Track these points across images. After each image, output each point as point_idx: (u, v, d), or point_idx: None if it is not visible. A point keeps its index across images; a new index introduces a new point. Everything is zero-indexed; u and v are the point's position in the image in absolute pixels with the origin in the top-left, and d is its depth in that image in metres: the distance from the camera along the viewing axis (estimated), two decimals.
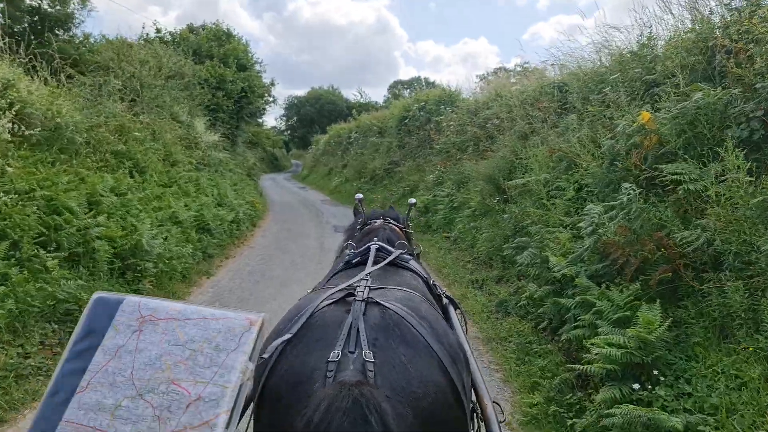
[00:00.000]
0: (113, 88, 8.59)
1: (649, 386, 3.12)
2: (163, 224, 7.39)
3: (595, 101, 6.69)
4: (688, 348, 3.25)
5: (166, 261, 6.62)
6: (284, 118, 61.12)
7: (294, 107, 59.23)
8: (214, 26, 16.83)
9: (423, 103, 16.77)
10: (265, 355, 1.41)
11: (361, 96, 53.42)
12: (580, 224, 4.44)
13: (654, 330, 3.14)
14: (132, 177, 7.59)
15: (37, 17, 18.52)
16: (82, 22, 16.42)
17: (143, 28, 16.50)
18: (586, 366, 3.32)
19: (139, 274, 6.02)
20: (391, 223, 3.04)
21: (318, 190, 27.60)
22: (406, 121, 17.94)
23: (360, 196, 3.38)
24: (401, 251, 2.31)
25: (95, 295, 1.11)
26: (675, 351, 3.26)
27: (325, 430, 1.14)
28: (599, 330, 3.50)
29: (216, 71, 14.91)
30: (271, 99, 21.36)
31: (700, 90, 4.17)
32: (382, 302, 1.60)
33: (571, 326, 4.16)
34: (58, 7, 18.58)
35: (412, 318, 1.56)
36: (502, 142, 9.41)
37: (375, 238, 2.48)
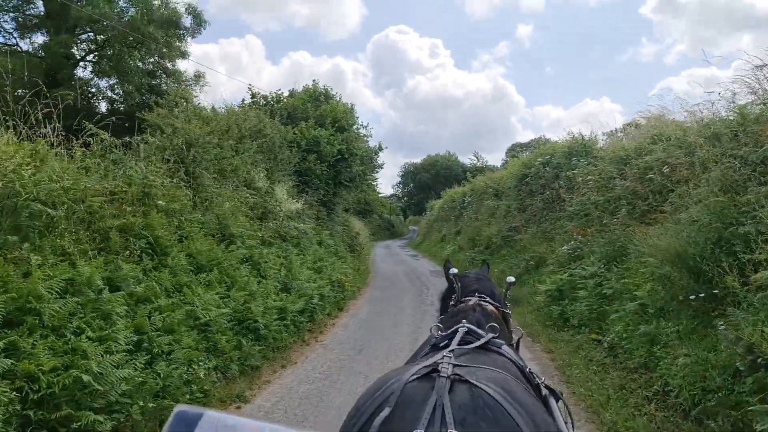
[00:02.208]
0: (149, 147, 6.60)
1: None
2: (173, 331, 4.89)
3: None
4: None
5: (143, 401, 3.99)
6: (401, 185, 60.10)
7: (410, 174, 58.06)
8: (311, 87, 15.26)
9: (548, 157, 13.44)
10: None
11: (477, 160, 50.67)
12: None
13: None
14: (140, 261, 5.27)
15: (153, 96, 18.55)
16: (196, 97, 15.68)
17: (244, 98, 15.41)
18: None
19: None
20: (486, 300, 2.47)
21: (430, 259, 24.75)
22: (528, 179, 14.65)
23: (454, 270, 2.70)
24: (492, 335, 1.94)
25: (176, 409, 0.97)
26: None
27: None
28: None
29: (309, 132, 13.02)
30: (376, 164, 19.24)
31: None
32: (471, 380, 1.36)
33: None
34: (173, 85, 18.36)
35: (506, 401, 1.30)
36: (689, 198, 5.88)
37: (464, 320, 2.09)
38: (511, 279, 2.74)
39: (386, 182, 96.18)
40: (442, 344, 1.95)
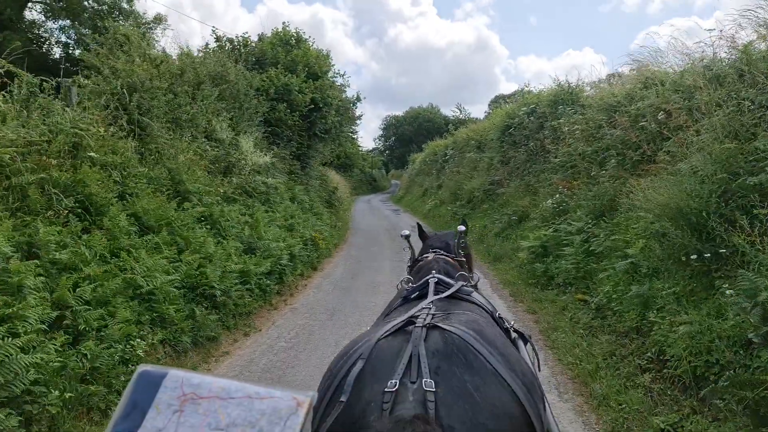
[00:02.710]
0: (82, 90, 5.75)
1: None
2: (106, 303, 4.25)
3: None
4: None
5: (61, 389, 3.39)
6: (382, 139, 58.90)
7: (392, 127, 56.83)
8: (281, 31, 14.04)
9: (533, 106, 12.72)
10: (344, 398, 1.22)
11: (460, 112, 49.53)
12: None
13: None
14: (67, 223, 4.55)
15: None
16: (157, 41, 14.49)
17: (209, 41, 14.03)
18: None
19: None
20: (441, 255, 2.60)
21: (411, 213, 24.25)
22: (511, 130, 13.97)
23: (407, 232, 2.89)
24: (463, 283, 2.04)
25: (140, 369, 0.88)
26: None
27: None
28: None
29: (279, 80, 12.03)
30: (354, 116, 18.31)
31: None
32: (443, 326, 1.38)
33: None
34: (130, 26, 17.02)
35: (478, 342, 1.33)
36: (689, 146, 5.29)
37: (433, 271, 2.21)
38: (462, 227, 2.84)
39: (368, 136, 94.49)
40: (413, 296, 1.97)
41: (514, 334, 1.94)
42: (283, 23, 13.93)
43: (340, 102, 14.34)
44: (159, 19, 17.74)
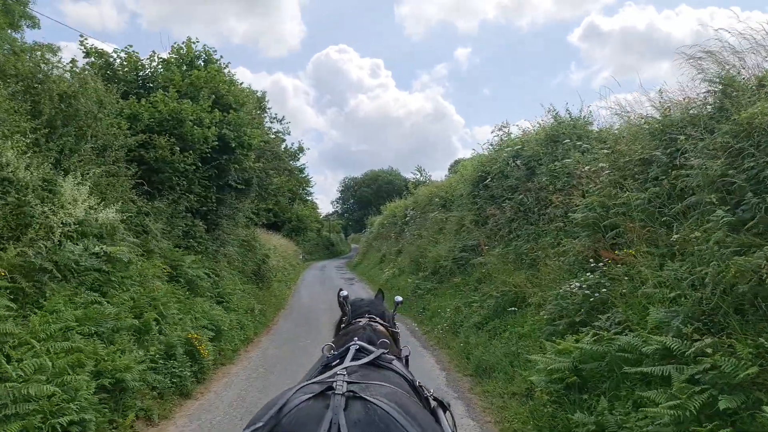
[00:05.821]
0: None
1: None
2: None
3: None
4: None
5: None
6: (340, 201, 55.47)
7: (350, 189, 53.64)
8: (182, 47, 10.22)
9: (518, 147, 9.37)
10: None
11: (421, 174, 46.78)
12: None
13: None
14: None
15: None
16: (56, 67, 10.66)
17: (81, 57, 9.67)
18: None
19: None
20: (376, 321, 2.58)
21: (367, 283, 20.33)
22: (487, 181, 10.55)
23: (345, 293, 2.82)
24: (382, 351, 1.99)
25: None
26: None
27: None
28: None
29: (166, 105, 8.29)
30: (293, 168, 14.60)
31: None
32: (366, 397, 1.35)
33: None
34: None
35: (401, 416, 1.30)
36: None
37: (355, 338, 2.16)
38: (399, 298, 3.03)
39: (327, 200, 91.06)
40: (334, 363, 1.89)
41: (434, 403, 1.89)
42: (188, 38, 10.19)
43: (264, 143, 10.62)
44: (54, 50, 14.31)
